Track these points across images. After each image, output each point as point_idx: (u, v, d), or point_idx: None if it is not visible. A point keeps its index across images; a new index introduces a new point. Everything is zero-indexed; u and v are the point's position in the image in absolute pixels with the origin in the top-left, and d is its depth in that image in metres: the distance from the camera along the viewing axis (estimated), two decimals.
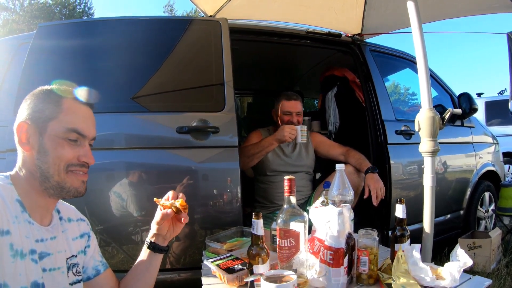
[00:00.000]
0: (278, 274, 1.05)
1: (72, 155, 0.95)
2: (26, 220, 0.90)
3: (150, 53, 2.12)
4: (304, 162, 2.46)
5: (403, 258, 1.21)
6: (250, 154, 2.17)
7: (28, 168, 0.93)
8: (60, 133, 0.94)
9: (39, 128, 0.93)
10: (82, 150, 0.98)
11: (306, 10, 2.69)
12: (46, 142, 0.93)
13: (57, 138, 0.94)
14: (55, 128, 0.94)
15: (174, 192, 1.15)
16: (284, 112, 2.39)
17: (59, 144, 0.94)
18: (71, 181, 0.96)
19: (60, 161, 0.94)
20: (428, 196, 1.71)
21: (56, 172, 0.93)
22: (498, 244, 2.64)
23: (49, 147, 0.93)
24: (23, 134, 0.93)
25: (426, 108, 1.71)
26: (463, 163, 3.00)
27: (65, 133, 0.95)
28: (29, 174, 0.93)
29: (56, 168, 0.93)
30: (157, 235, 1.16)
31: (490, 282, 1.16)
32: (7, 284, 0.81)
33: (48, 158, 0.93)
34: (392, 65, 3.09)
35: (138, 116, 1.96)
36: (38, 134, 0.93)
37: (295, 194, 1.23)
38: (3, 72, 1.99)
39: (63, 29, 2.23)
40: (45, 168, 0.93)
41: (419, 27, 1.74)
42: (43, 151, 0.93)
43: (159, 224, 1.14)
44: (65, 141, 0.95)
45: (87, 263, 1.13)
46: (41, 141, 0.93)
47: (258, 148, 2.20)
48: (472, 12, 2.51)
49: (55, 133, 0.94)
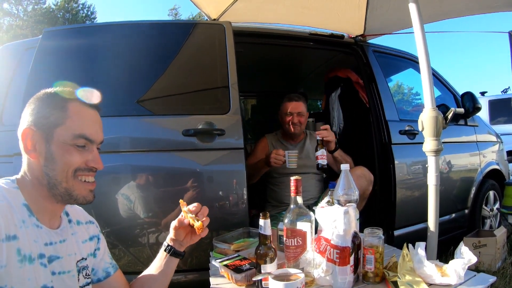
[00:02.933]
0: (285, 273, 1.07)
1: (81, 160, 0.93)
2: (34, 224, 0.88)
3: (155, 57, 2.15)
4: (312, 163, 2.44)
5: (409, 256, 1.22)
6: (249, 174, 2.15)
7: (35, 175, 0.92)
8: (67, 139, 0.92)
9: (46, 134, 0.91)
10: (90, 155, 0.96)
11: (308, 12, 2.71)
12: (54, 149, 0.91)
13: (64, 145, 0.92)
14: (62, 135, 0.91)
15: (198, 206, 1.14)
16: (286, 113, 2.43)
17: (67, 151, 0.92)
18: (79, 190, 0.94)
19: (69, 168, 0.92)
20: (432, 195, 1.72)
21: (64, 179, 0.92)
22: (503, 242, 2.63)
23: (56, 155, 0.91)
24: (28, 141, 0.91)
25: (429, 108, 1.72)
26: (467, 162, 3.00)
27: (72, 140, 0.92)
28: (36, 180, 0.92)
29: (65, 175, 0.92)
30: (174, 240, 1.17)
31: (494, 279, 1.17)
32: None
33: (56, 166, 0.91)
34: (395, 65, 3.11)
35: (144, 119, 1.99)
36: (44, 141, 0.91)
37: (301, 194, 1.24)
38: (9, 76, 2.02)
39: (68, 33, 2.26)
40: (53, 175, 0.91)
41: (421, 27, 1.75)
42: (51, 158, 0.91)
43: (175, 229, 1.14)
44: (73, 147, 0.93)
45: (97, 265, 1.13)
46: (48, 148, 0.91)
47: (254, 170, 2.28)
48: (473, 12, 2.52)
49: (62, 140, 0.91)
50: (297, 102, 2.44)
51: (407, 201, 2.48)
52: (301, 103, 2.45)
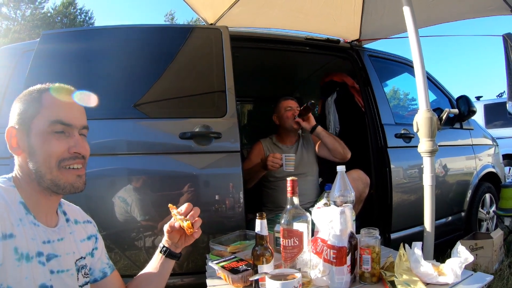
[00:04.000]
0: (282, 273, 1.06)
1: (62, 148, 0.92)
2: (31, 222, 0.88)
3: (153, 60, 2.16)
4: (308, 166, 2.49)
5: (405, 256, 1.23)
6: (245, 179, 2.12)
7: (25, 172, 0.92)
8: (44, 127, 0.91)
9: (25, 129, 0.91)
10: (72, 140, 0.94)
11: (305, 17, 2.74)
12: (33, 142, 0.90)
13: (42, 134, 0.91)
14: (38, 124, 0.91)
15: (189, 207, 1.12)
16: (285, 108, 2.47)
17: (46, 141, 0.90)
18: (65, 178, 0.92)
19: (50, 158, 0.90)
20: (428, 195, 1.74)
21: (48, 170, 0.90)
22: (500, 245, 2.64)
23: (36, 146, 0.90)
24: (13, 139, 0.92)
25: (424, 109, 1.74)
26: (463, 165, 3.02)
27: (49, 127, 0.91)
28: (27, 177, 0.92)
29: (47, 166, 0.90)
30: (169, 242, 1.16)
31: (491, 278, 1.18)
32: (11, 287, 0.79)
33: (38, 157, 0.90)
34: (391, 69, 3.13)
35: (141, 122, 1.99)
36: (26, 136, 0.91)
37: (297, 195, 1.25)
38: (7, 79, 2.02)
39: (66, 37, 2.26)
40: (36, 168, 0.90)
41: (415, 29, 1.78)
42: (32, 151, 0.90)
43: (168, 232, 1.13)
44: (51, 135, 0.91)
45: (94, 265, 1.13)
46: (29, 142, 0.91)
47: (250, 175, 2.26)
48: (467, 16, 2.55)
49: (39, 129, 0.91)
50: (293, 100, 2.52)
51: (404, 204, 2.49)
52: (296, 102, 2.52)
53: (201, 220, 1.11)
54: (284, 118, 2.48)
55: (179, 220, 1.08)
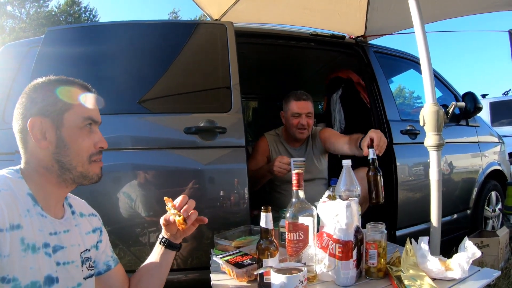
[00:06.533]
0: (287, 267, 1.06)
1: (91, 144, 0.97)
2: (38, 213, 0.89)
3: (158, 56, 2.15)
4: (317, 169, 2.37)
5: (412, 251, 1.21)
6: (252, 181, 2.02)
7: (42, 164, 0.92)
8: (78, 123, 0.95)
9: (55, 121, 0.92)
10: (96, 136, 0.99)
11: (310, 13, 2.73)
12: (65, 135, 0.93)
13: (75, 129, 0.94)
14: (72, 119, 0.94)
15: (183, 200, 1.13)
16: (293, 114, 2.25)
17: (79, 136, 0.95)
18: (93, 170, 0.98)
19: (83, 152, 0.95)
20: (434, 190, 1.71)
21: (80, 163, 0.95)
22: (506, 243, 2.62)
23: (68, 139, 0.93)
24: (37, 130, 0.91)
25: (430, 102, 1.72)
26: (469, 163, 2.99)
27: (82, 122, 0.95)
28: (42, 169, 0.92)
29: (80, 159, 0.94)
30: (168, 233, 1.18)
31: (499, 273, 1.16)
32: (16, 278, 0.80)
33: (69, 151, 0.93)
34: (396, 66, 3.11)
35: (147, 117, 1.99)
36: (55, 128, 0.92)
37: (303, 188, 1.24)
38: (12, 75, 2.01)
39: (71, 33, 2.26)
40: (67, 161, 0.93)
41: (421, 22, 1.75)
42: (62, 144, 0.92)
43: (164, 225, 1.15)
44: (83, 130, 0.96)
45: (98, 258, 1.13)
46: (59, 135, 0.92)
47: (255, 178, 2.14)
48: (473, 11, 2.53)
49: (73, 124, 0.94)
50: (306, 101, 2.25)
51: (409, 201, 2.47)
52: (310, 102, 2.28)
53: (196, 212, 1.12)
54: (289, 125, 2.31)
55: (172, 215, 1.10)
